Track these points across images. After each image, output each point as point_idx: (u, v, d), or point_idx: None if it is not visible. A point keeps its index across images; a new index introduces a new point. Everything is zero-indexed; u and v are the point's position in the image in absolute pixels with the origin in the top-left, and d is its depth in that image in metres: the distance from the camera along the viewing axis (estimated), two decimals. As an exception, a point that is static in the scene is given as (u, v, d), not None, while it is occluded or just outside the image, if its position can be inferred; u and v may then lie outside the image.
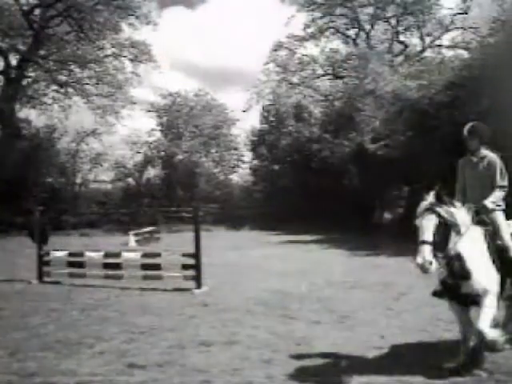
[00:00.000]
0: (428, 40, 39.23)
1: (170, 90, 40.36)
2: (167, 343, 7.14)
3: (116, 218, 32.48)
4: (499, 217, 6.03)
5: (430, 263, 5.17)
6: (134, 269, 11.77)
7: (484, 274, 5.52)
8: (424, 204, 5.53)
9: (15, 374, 5.97)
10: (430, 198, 5.54)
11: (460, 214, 5.66)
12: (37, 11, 33.88)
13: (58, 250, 13.07)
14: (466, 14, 37.03)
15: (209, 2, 78.81)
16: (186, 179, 37.76)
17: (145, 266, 11.63)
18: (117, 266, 11.93)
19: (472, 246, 5.57)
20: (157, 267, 11.51)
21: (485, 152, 6.22)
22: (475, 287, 5.50)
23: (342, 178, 31.19)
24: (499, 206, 6.07)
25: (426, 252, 5.20)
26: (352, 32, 40.92)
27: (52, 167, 34.60)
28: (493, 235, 5.87)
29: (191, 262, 11.17)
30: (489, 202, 5.98)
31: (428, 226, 5.35)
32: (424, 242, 5.27)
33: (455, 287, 5.67)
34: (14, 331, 7.90)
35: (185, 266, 11.30)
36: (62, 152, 36.33)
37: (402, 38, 39.96)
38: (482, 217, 5.93)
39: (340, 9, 39.77)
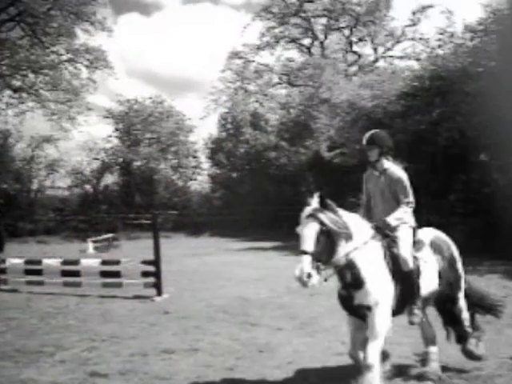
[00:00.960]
0: (380, 51, 40.34)
1: (127, 96, 40.03)
2: (129, 351, 7.10)
3: (74, 224, 32.07)
4: (402, 230, 5.43)
5: (309, 276, 4.62)
6: (93, 276, 11.61)
7: (378, 285, 5.04)
8: (306, 210, 4.94)
9: (-27, 385, 5.87)
10: (314, 203, 4.97)
11: (353, 220, 5.14)
12: (-12, 15, 33.25)
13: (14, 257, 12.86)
14: (415, 25, 38.19)
15: (164, 9, 78.74)
16: (145, 186, 37.50)
17: (104, 274, 11.45)
18: (75, 274, 11.73)
19: (367, 255, 5.08)
20: (116, 274, 11.37)
21: (387, 164, 5.68)
22: (367, 297, 5.01)
23: (299, 185, 31.46)
24: (405, 223, 5.49)
25: (305, 263, 4.65)
26: (307, 41, 41.82)
27: (7, 173, 33.89)
28: (391, 246, 5.33)
29: (151, 269, 11.08)
30: (392, 219, 5.41)
31: (309, 235, 4.77)
32: (304, 253, 4.71)
33: (348, 299, 5.21)
34: (-30, 341, 7.74)
35: (145, 274, 11.17)
36: (17, 158, 35.62)
37: (355, 48, 41.06)
38: (384, 231, 5.36)
39: (294, 19, 40.47)
